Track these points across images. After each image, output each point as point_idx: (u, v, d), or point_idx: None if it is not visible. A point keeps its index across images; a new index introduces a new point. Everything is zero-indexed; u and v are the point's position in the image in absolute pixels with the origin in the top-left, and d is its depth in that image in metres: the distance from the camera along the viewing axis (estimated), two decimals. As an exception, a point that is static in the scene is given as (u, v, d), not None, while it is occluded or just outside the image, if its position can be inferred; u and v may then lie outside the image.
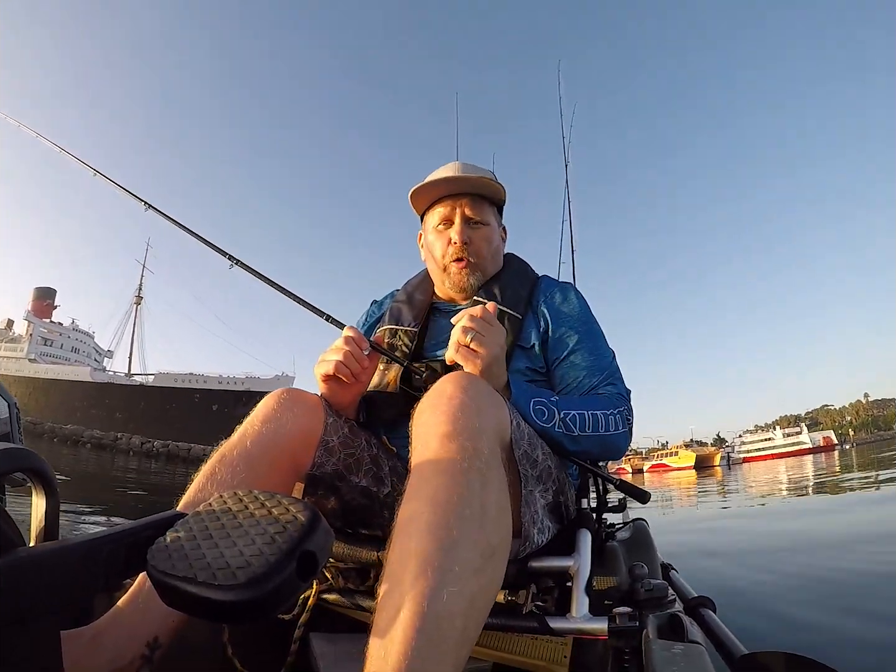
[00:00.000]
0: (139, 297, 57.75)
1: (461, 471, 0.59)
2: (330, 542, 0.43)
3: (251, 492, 0.47)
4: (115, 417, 38.23)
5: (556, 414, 0.88)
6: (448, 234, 1.14)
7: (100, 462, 15.50)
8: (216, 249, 1.35)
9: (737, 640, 0.76)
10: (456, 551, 0.53)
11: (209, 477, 0.78)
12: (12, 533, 0.44)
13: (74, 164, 1.74)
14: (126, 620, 0.65)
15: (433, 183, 1.14)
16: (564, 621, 0.77)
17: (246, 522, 0.42)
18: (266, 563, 0.37)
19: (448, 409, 0.66)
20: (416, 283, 1.27)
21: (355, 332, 0.94)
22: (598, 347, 1.04)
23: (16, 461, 0.46)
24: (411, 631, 0.47)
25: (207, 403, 39.19)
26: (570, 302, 1.10)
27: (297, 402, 0.88)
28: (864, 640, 1.57)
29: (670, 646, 0.62)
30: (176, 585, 0.37)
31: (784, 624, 1.77)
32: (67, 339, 52.33)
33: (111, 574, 0.44)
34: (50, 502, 0.49)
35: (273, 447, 0.82)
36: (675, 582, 1.20)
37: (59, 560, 0.41)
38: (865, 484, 5.83)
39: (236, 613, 0.36)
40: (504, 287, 1.12)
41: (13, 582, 0.38)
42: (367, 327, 1.26)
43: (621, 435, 0.93)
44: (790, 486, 9.21)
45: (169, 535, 0.43)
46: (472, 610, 0.53)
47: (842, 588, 2.12)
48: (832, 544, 3.07)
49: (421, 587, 0.49)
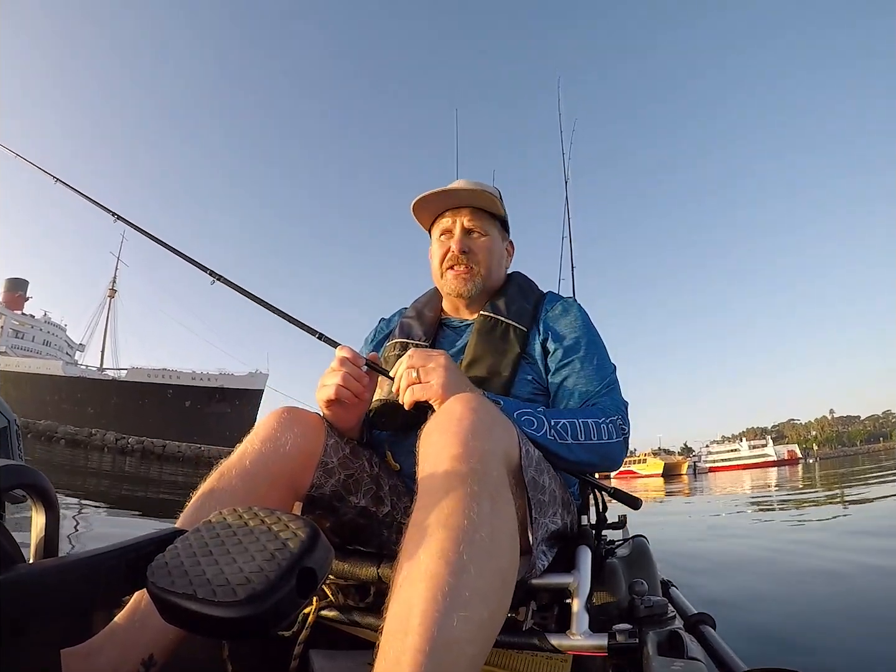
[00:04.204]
0: (113, 290, 55.98)
1: (471, 494, 0.59)
2: (329, 558, 0.43)
3: (251, 508, 0.47)
4: (87, 412, 37.68)
5: (546, 423, 0.88)
6: (448, 244, 1.17)
7: (74, 458, 15.29)
8: (197, 265, 1.31)
9: (736, 657, 0.76)
10: (466, 576, 0.52)
11: (208, 494, 0.78)
12: (12, 549, 0.45)
13: (33, 170, 1.71)
14: (122, 637, 0.64)
15: (430, 195, 1.18)
16: (564, 638, 0.76)
17: (245, 539, 0.42)
18: (266, 579, 0.37)
19: (458, 431, 0.66)
20: (425, 300, 1.31)
21: (349, 351, 0.94)
22: (597, 359, 1.05)
23: (16, 478, 0.47)
24: (420, 655, 0.46)
25: (181, 399, 39.05)
26: (571, 315, 1.12)
27: (298, 421, 0.88)
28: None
29: (670, 663, 0.62)
30: (176, 602, 0.38)
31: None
32: (39, 332, 51.03)
33: (111, 591, 0.44)
34: (50, 518, 0.49)
35: (272, 467, 0.82)
36: (674, 598, 1.19)
37: (58, 576, 0.41)
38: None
39: (236, 630, 0.36)
40: (510, 301, 1.15)
41: (13, 598, 0.38)
42: (375, 344, 1.29)
43: (616, 444, 0.93)
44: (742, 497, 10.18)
45: (168, 552, 0.43)
46: (482, 635, 0.52)
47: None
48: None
49: (431, 612, 0.49)
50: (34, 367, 41.08)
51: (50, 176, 1.68)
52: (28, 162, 1.75)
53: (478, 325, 1.13)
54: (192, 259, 1.32)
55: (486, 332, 1.10)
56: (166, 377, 39.92)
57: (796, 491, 10.48)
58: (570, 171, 3.01)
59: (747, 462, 63.19)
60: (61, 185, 1.65)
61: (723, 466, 62.50)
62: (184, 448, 25.75)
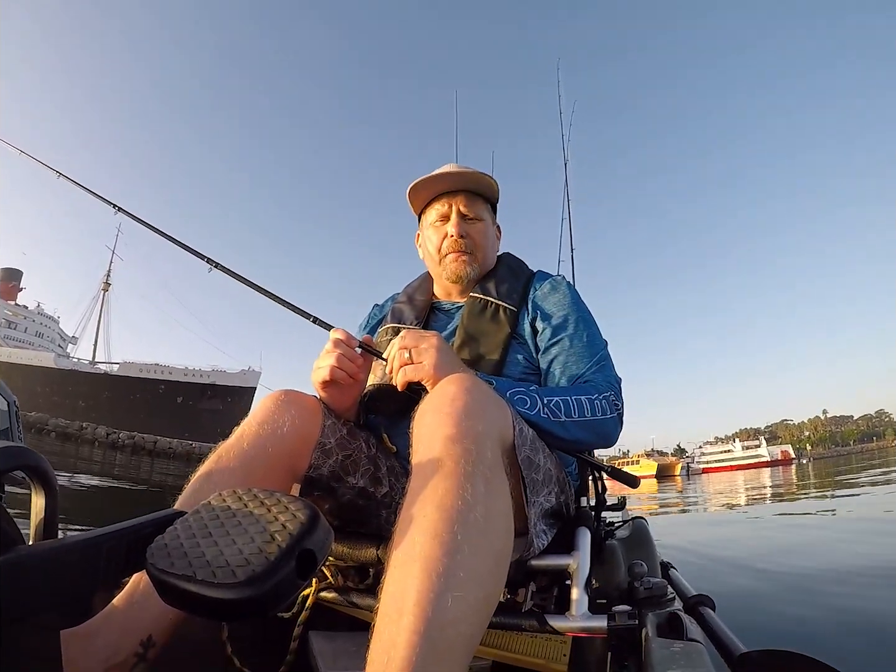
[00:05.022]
0: (107, 283, 55.11)
1: (465, 475, 0.58)
2: (329, 540, 0.43)
3: (250, 490, 0.47)
4: (78, 406, 37.41)
5: (539, 401, 0.87)
6: (445, 229, 1.17)
7: (64, 452, 15.36)
8: (194, 253, 1.31)
9: (736, 638, 0.76)
10: (461, 556, 0.52)
11: (206, 477, 0.78)
12: (12, 531, 0.44)
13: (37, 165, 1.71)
14: (120, 618, 0.65)
15: (429, 179, 1.17)
16: (564, 620, 0.77)
17: (245, 521, 0.42)
18: (265, 561, 0.37)
19: (451, 412, 0.65)
20: (416, 285, 1.31)
21: (343, 333, 0.94)
22: (588, 336, 1.04)
23: (15, 459, 0.46)
24: (415, 636, 0.46)
25: (172, 395, 38.89)
26: (559, 292, 1.11)
27: (295, 403, 0.88)
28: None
29: (669, 644, 0.62)
30: (175, 583, 0.37)
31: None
32: (32, 323, 50.13)
33: (110, 572, 0.44)
34: (49, 500, 0.49)
35: (270, 449, 0.82)
36: (674, 580, 1.20)
37: (58, 558, 0.41)
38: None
39: (235, 612, 0.36)
40: (500, 282, 1.15)
41: (13, 580, 0.38)
42: (368, 329, 1.29)
43: (610, 420, 0.92)
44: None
45: (168, 534, 0.43)
46: (476, 615, 0.52)
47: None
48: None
49: (425, 592, 0.49)
50: (26, 358, 40.75)
51: (53, 171, 1.67)
52: (32, 158, 1.74)
53: (468, 307, 1.12)
54: (190, 247, 1.32)
55: (476, 314, 1.10)
56: (158, 372, 39.69)
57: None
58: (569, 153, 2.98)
59: (741, 463, 63.90)
60: (64, 180, 1.64)
61: (716, 467, 63.12)
62: (175, 444, 25.72)
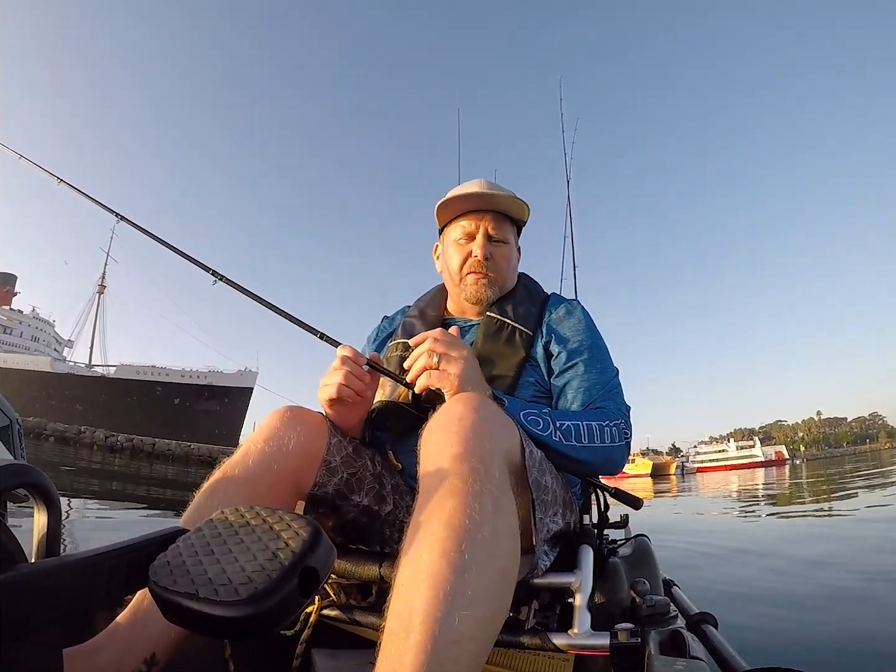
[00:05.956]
0: (102, 285, 54.96)
1: (473, 493, 0.58)
2: (332, 557, 0.43)
3: (253, 507, 0.47)
4: (76, 409, 37.23)
5: (552, 423, 0.87)
6: (469, 248, 1.14)
7: (63, 456, 15.22)
8: (198, 264, 1.28)
9: (738, 656, 0.75)
10: (468, 575, 0.52)
11: (210, 493, 0.78)
12: (13, 548, 0.44)
13: (38, 171, 1.69)
14: (124, 636, 0.64)
15: (462, 197, 1.15)
16: (566, 637, 0.76)
17: (248, 538, 0.42)
18: (268, 578, 0.37)
19: (459, 430, 0.65)
20: (428, 298, 1.28)
21: (350, 350, 0.94)
22: (600, 362, 1.04)
23: (18, 477, 0.46)
24: (422, 655, 0.46)
25: (169, 397, 38.81)
26: (575, 317, 1.11)
27: (301, 420, 0.88)
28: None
29: (672, 662, 0.62)
30: (178, 601, 0.37)
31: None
32: (27, 328, 50.35)
33: (113, 590, 0.44)
34: (51, 518, 0.49)
35: (275, 466, 0.82)
36: (676, 598, 1.19)
37: (60, 576, 0.41)
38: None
39: (238, 629, 0.36)
40: (517, 304, 1.14)
41: (15, 598, 0.38)
42: (378, 343, 1.27)
43: (618, 448, 0.93)
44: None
45: (170, 551, 0.43)
46: (483, 634, 0.53)
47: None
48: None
49: (433, 610, 0.49)
50: (22, 363, 40.61)
51: (54, 177, 1.66)
52: (32, 163, 1.73)
53: (484, 327, 1.11)
54: (195, 259, 1.30)
55: (492, 334, 1.09)
56: (155, 374, 39.63)
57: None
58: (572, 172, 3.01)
59: (735, 462, 63.94)
60: (64, 186, 1.64)
61: (711, 467, 63.10)
62: (173, 446, 25.48)
